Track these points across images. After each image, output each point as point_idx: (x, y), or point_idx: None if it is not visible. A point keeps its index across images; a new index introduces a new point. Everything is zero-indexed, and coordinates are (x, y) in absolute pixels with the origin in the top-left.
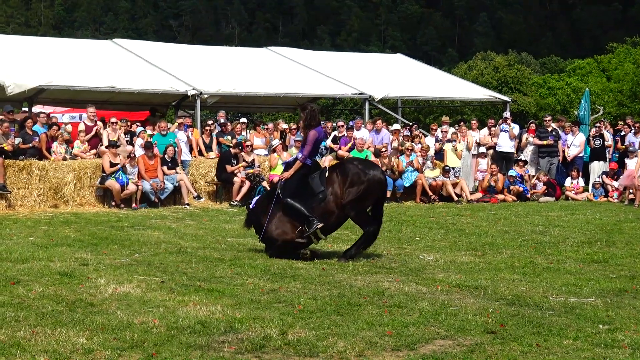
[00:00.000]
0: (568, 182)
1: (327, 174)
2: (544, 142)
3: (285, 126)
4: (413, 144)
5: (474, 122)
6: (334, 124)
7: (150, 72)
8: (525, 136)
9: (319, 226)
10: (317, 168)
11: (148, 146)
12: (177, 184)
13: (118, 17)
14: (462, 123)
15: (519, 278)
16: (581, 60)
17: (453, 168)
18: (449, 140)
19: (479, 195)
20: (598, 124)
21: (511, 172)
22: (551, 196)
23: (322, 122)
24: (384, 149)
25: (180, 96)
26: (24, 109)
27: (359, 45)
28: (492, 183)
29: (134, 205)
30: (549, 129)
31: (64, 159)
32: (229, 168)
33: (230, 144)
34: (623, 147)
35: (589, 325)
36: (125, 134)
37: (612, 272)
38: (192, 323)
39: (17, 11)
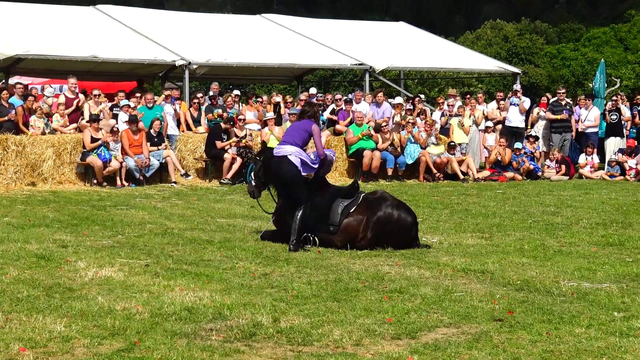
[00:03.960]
0: (582, 158)
1: (354, 208)
2: (558, 117)
3: (279, 99)
4: (417, 118)
5: (481, 95)
6: (333, 97)
7: (135, 41)
8: (536, 110)
9: (306, 248)
10: (354, 193)
11: (132, 120)
12: (163, 161)
13: None
14: (469, 96)
15: (529, 262)
16: (598, 28)
17: (459, 144)
18: (455, 115)
19: (486, 173)
20: (614, 98)
21: (517, 145)
22: (564, 174)
23: (318, 97)
24: (384, 124)
25: (167, 66)
26: None
27: (359, 13)
28: (499, 157)
29: (118, 183)
30: (563, 103)
31: (43, 133)
32: (218, 144)
33: (217, 118)
34: None
35: (603, 313)
36: (112, 108)
37: (628, 255)
38: (177, 309)
39: None
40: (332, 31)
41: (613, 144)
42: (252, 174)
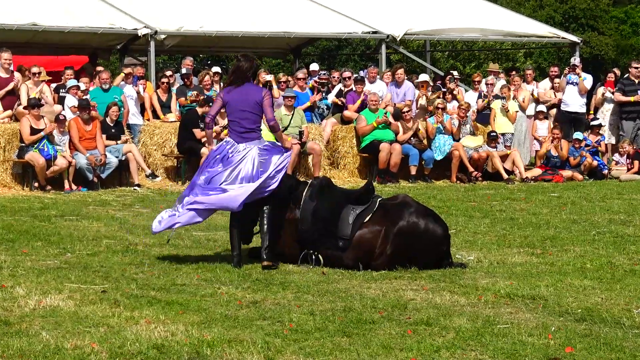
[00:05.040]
0: None
1: (369, 216)
2: (631, 99)
3: (269, 77)
4: (445, 100)
5: (529, 71)
6: (340, 75)
7: (86, 4)
8: (601, 90)
9: (309, 267)
10: (368, 198)
11: (83, 105)
12: (123, 158)
13: None
14: (514, 72)
15: (592, 285)
16: None
17: (503, 135)
18: (496, 97)
19: (537, 171)
20: None
21: (577, 135)
22: (637, 172)
23: (321, 74)
24: (406, 109)
25: (127, 37)
26: None
27: None
28: (554, 152)
29: (66, 187)
30: (637, 81)
31: None
32: (197, 133)
33: (191, 103)
34: None
35: None
36: (57, 89)
37: None
38: (144, 348)
39: None
40: None
41: None
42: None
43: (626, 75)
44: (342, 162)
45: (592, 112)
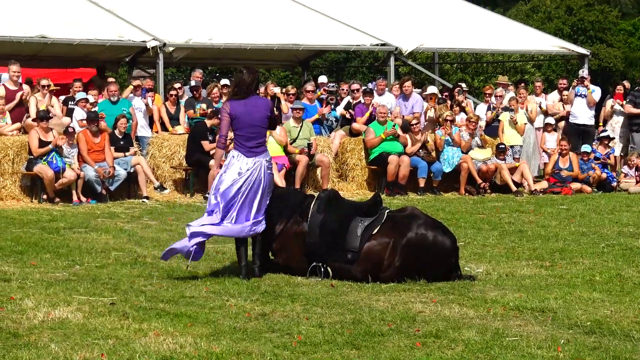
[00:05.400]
0: None
1: (377, 228)
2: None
3: (277, 90)
4: (453, 113)
5: (538, 83)
6: (348, 87)
7: (95, 17)
8: (610, 102)
9: (318, 279)
10: (376, 210)
11: (92, 118)
12: (132, 170)
13: None
14: (522, 85)
15: (601, 297)
16: None
17: (511, 147)
18: (505, 109)
19: (545, 184)
20: None
21: (585, 148)
22: None
23: (330, 86)
24: (415, 121)
25: (136, 49)
26: None
27: None
28: (562, 165)
29: (74, 199)
30: None
31: None
32: (206, 145)
33: (200, 115)
34: None
35: None
36: (66, 102)
37: None
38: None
39: None
40: (346, 2)
41: None
42: None
43: (637, 88)
44: (350, 175)
45: (601, 124)
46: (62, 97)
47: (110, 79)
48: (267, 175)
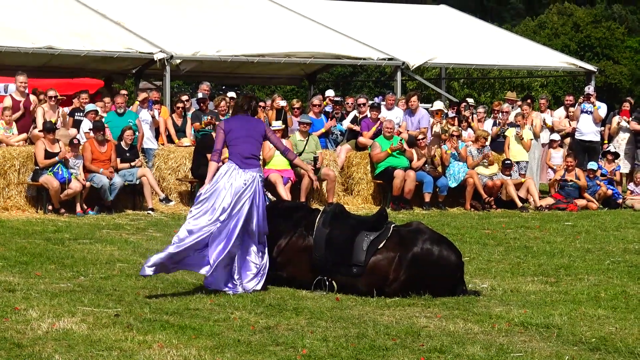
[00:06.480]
0: None
1: (383, 243)
2: None
3: (283, 103)
4: (460, 128)
5: (543, 100)
6: (355, 101)
7: (102, 28)
8: (616, 119)
9: (323, 293)
10: (382, 224)
11: (98, 127)
12: (137, 182)
13: None
14: (528, 101)
15: (606, 314)
16: None
17: (517, 163)
18: (511, 124)
19: (551, 200)
20: None
21: (591, 165)
22: None
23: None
24: (421, 136)
25: (143, 61)
26: None
27: None
28: (569, 179)
29: (77, 210)
30: None
31: None
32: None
33: (206, 127)
34: None
35: None
36: (72, 113)
37: None
38: None
39: None
40: (354, 16)
41: None
42: None
43: None
44: (356, 189)
45: (606, 141)
46: (67, 108)
47: (123, 91)
48: (260, 190)
